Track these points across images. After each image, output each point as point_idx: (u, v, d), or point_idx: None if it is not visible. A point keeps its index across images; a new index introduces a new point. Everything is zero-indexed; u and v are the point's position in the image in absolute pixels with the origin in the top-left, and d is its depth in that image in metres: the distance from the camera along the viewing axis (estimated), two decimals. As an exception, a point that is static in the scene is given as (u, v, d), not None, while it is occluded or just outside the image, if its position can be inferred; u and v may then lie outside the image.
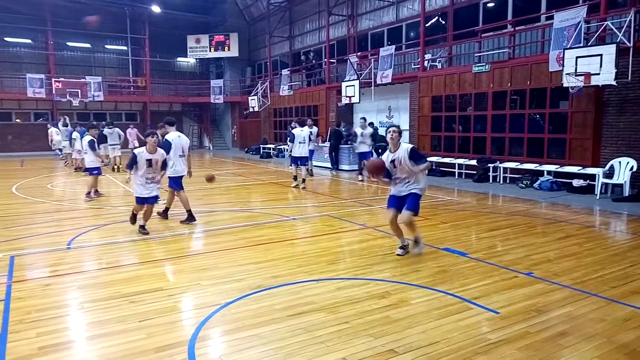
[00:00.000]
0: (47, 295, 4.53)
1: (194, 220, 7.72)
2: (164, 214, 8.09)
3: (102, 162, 11.12)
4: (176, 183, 7.78)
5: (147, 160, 6.71)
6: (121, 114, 28.39)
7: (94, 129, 10.77)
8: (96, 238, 6.87)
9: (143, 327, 3.75)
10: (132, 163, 6.77)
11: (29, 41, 26.83)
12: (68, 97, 24.48)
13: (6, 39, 26.09)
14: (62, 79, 25.10)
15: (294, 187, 12.16)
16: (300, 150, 12.07)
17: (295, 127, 12.69)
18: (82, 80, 25.40)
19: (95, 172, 10.37)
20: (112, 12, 27.26)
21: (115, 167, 16.23)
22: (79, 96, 24.81)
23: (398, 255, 5.72)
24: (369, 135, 13.55)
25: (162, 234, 7.10)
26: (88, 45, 28.53)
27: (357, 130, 13.79)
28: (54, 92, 24.50)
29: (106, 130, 16.15)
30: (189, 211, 7.70)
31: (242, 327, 3.74)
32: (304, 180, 12.19)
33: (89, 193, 10.27)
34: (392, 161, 5.59)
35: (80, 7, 25.87)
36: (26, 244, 6.49)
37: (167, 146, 7.43)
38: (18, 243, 6.55)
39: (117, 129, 16.64)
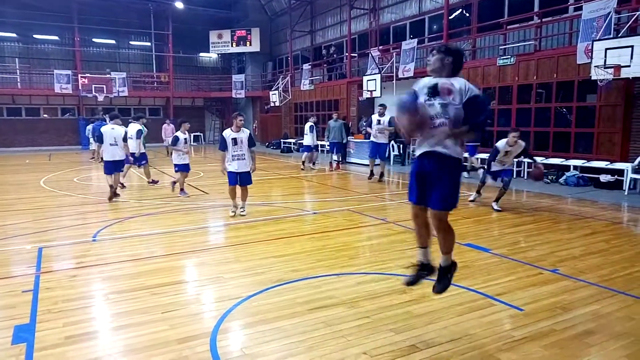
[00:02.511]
0: (74, 286, 4.64)
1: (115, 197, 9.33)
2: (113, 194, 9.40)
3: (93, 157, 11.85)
4: (107, 167, 9.59)
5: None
6: (145, 109, 28.83)
7: (142, 119, 11.17)
8: (120, 231, 7.00)
9: (166, 319, 3.81)
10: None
11: (56, 38, 27.44)
12: (94, 93, 25.00)
13: (35, 36, 26.74)
14: (88, 75, 25.62)
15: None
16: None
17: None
18: (108, 76, 25.88)
19: (144, 162, 11.31)
20: (136, 8, 27.66)
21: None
22: (104, 92, 25.30)
23: None
24: (387, 124, 11.93)
25: (184, 227, 7.19)
26: (113, 42, 29.01)
27: (374, 117, 12.29)
28: (80, 87, 25.03)
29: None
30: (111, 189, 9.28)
31: (264, 320, 3.76)
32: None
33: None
34: None
35: (106, 4, 26.35)
36: (54, 236, 6.66)
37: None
38: (46, 235, 6.72)
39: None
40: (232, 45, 29.55)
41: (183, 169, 9.95)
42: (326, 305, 4.07)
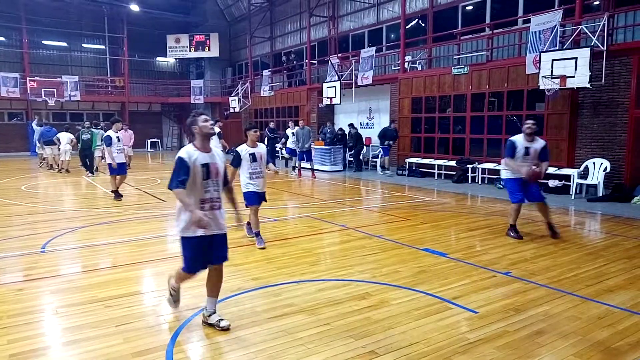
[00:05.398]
0: (20, 300, 4.41)
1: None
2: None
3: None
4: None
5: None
6: (99, 114, 27.88)
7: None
8: (72, 241, 6.72)
9: (120, 332, 3.68)
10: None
11: (2, 39, 26.13)
12: (43, 97, 23.96)
13: (-22, 36, 25.42)
14: (37, 78, 24.52)
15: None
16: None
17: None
18: (58, 79, 24.87)
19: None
20: (90, 10, 26.81)
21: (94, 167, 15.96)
22: (55, 96, 24.30)
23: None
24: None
25: (141, 236, 6.98)
26: (65, 44, 27.91)
27: (288, 131, 15.89)
28: (28, 91, 23.93)
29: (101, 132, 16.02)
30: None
31: (222, 331, 3.70)
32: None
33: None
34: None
35: (57, 5, 25.39)
36: (-1, 248, 6.32)
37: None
38: (-10, 247, 6.36)
39: (101, 131, 16.42)
40: (190, 50, 29.08)
41: (119, 171, 9.89)
42: (286, 313, 4.04)
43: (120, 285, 4.78)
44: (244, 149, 6.25)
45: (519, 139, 6.63)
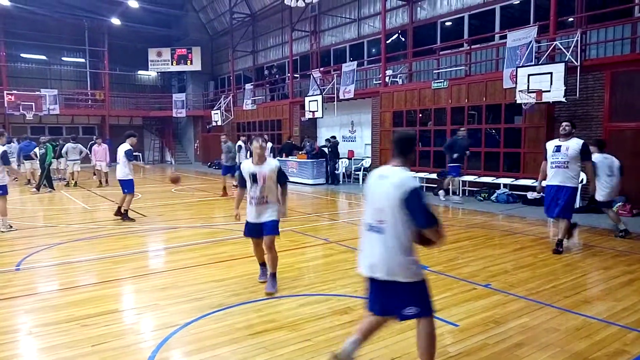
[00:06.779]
0: (-7, 320, 4.28)
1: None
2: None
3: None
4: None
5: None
6: (78, 127, 27.48)
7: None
8: (48, 258, 6.57)
9: (96, 352, 3.60)
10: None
11: (-22, 52, 25.71)
12: (21, 111, 23.50)
13: (-46, 49, 24.94)
14: (15, 92, 24.08)
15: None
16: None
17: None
18: (37, 93, 24.49)
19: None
20: (70, 23, 26.56)
21: (72, 182, 15.72)
22: (33, 109, 23.86)
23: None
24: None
25: (119, 252, 6.86)
26: (44, 57, 27.55)
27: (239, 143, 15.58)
28: (5, 105, 23.50)
29: (69, 145, 15.76)
30: None
31: (202, 348, 3.64)
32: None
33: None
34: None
35: (36, 18, 25.09)
36: (-29, 266, 6.14)
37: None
38: (-38, 265, 6.18)
39: (80, 145, 16.19)
40: (172, 64, 29.01)
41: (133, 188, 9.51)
42: (267, 329, 4.01)
43: (98, 303, 4.68)
44: (245, 167, 5.09)
45: (551, 141, 6.93)
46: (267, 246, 5.02)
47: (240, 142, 16.38)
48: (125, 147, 9.46)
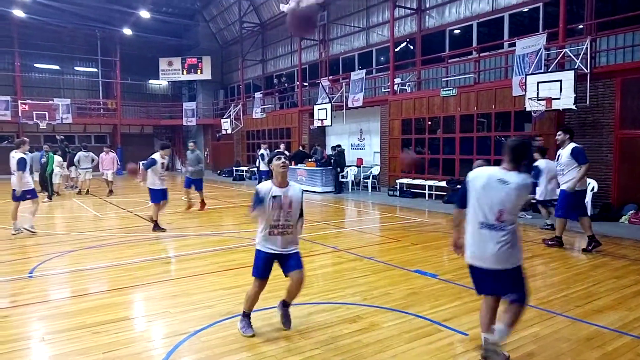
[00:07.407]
0: (5, 327, 4.34)
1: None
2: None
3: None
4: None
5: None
6: (90, 136, 27.84)
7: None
8: (60, 266, 6.65)
9: (107, 359, 3.63)
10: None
11: (-6, 62, 26.24)
12: (35, 120, 23.92)
13: (-30, 60, 25.46)
14: (29, 101, 24.52)
15: None
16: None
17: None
18: (50, 102, 24.88)
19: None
20: (83, 33, 27.04)
21: (84, 191, 15.91)
22: (47, 119, 24.28)
23: None
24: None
25: (130, 260, 6.92)
26: (57, 67, 28.03)
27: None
28: (20, 114, 23.91)
29: (81, 154, 15.95)
30: None
31: (212, 356, 3.66)
32: None
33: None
34: None
35: (50, 29, 25.56)
36: (-15, 273, 6.23)
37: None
38: (-24, 272, 6.27)
39: (91, 153, 16.37)
40: (182, 73, 29.34)
41: (162, 197, 9.38)
42: (276, 337, 4.02)
43: (109, 310, 4.73)
44: (264, 188, 4.07)
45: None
46: (301, 283, 4.19)
47: (262, 150, 16.27)
48: (154, 156, 9.48)
